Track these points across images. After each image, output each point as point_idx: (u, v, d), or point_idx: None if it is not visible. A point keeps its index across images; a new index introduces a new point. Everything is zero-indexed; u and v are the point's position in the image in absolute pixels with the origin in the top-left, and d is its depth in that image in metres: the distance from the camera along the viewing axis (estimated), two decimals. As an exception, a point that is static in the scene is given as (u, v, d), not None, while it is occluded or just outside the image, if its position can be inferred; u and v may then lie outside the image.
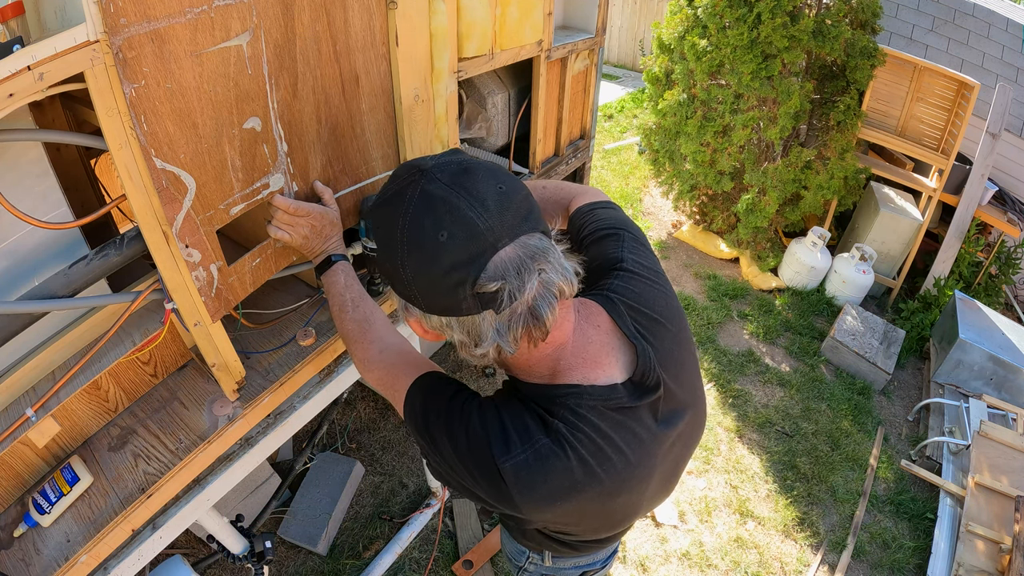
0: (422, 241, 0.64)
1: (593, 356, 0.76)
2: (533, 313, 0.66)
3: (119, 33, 0.74)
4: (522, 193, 0.68)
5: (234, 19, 0.89)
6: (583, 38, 2.08)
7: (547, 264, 0.65)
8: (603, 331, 0.78)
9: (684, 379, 0.82)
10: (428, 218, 0.63)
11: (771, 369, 3.51)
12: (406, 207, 0.65)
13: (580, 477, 0.71)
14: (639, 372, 0.75)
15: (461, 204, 0.63)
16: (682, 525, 2.63)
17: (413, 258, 0.65)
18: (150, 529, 1.12)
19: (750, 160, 3.80)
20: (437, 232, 0.63)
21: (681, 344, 0.83)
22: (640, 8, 8.12)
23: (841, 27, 3.39)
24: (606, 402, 0.73)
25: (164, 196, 0.90)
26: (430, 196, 0.64)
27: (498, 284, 0.63)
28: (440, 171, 0.66)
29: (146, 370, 1.21)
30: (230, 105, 0.94)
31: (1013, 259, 4.08)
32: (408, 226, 0.64)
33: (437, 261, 0.63)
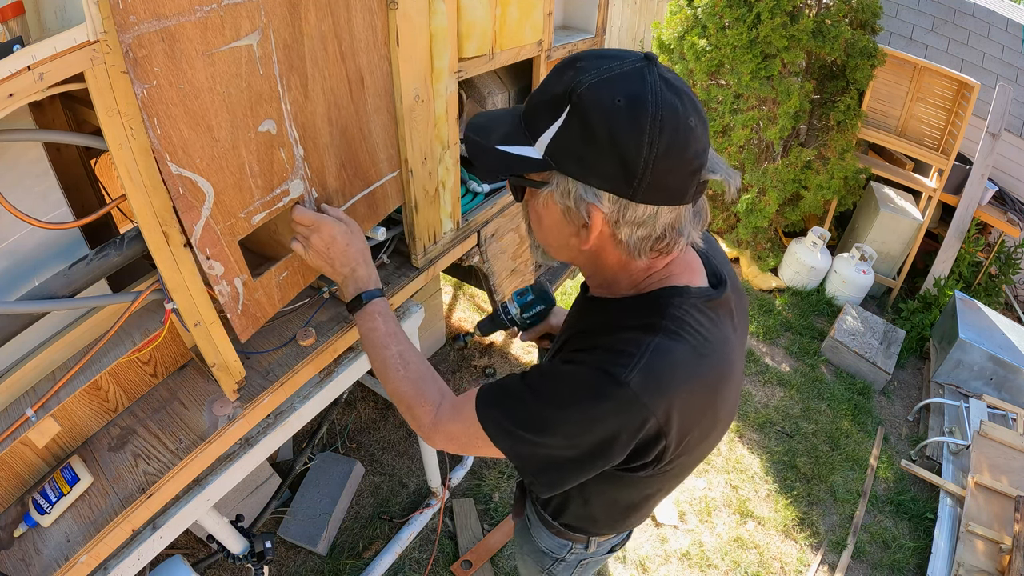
0: (676, 123, 0.64)
1: (689, 264, 0.83)
2: (705, 208, 0.76)
3: (129, 31, 0.74)
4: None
5: (243, 18, 0.89)
6: (583, 38, 2.08)
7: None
8: (692, 251, 0.86)
9: (744, 315, 0.91)
10: (678, 102, 0.65)
11: (771, 369, 3.51)
12: (652, 84, 0.65)
13: (697, 361, 0.74)
14: (711, 273, 0.85)
15: (693, 95, 0.67)
16: (682, 525, 2.63)
17: (666, 138, 0.64)
18: (150, 529, 1.12)
19: (750, 160, 3.80)
20: (687, 116, 0.65)
21: (741, 291, 0.93)
22: (640, 8, 8.11)
23: (841, 27, 3.39)
24: (703, 300, 0.78)
25: (181, 204, 0.88)
26: (670, 83, 0.66)
27: (719, 176, 0.70)
28: (652, 57, 0.69)
29: (146, 370, 1.21)
30: (244, 107, 0.94)
31: (1013, 259, 4.08)
32: (663, 104, 0.64)
33: (688, 145, 0.65)
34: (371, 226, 1.40)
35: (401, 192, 1.45)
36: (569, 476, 0.78)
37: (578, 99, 0.65)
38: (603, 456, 0.74)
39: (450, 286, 3.78)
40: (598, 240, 0.75)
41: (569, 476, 0.78)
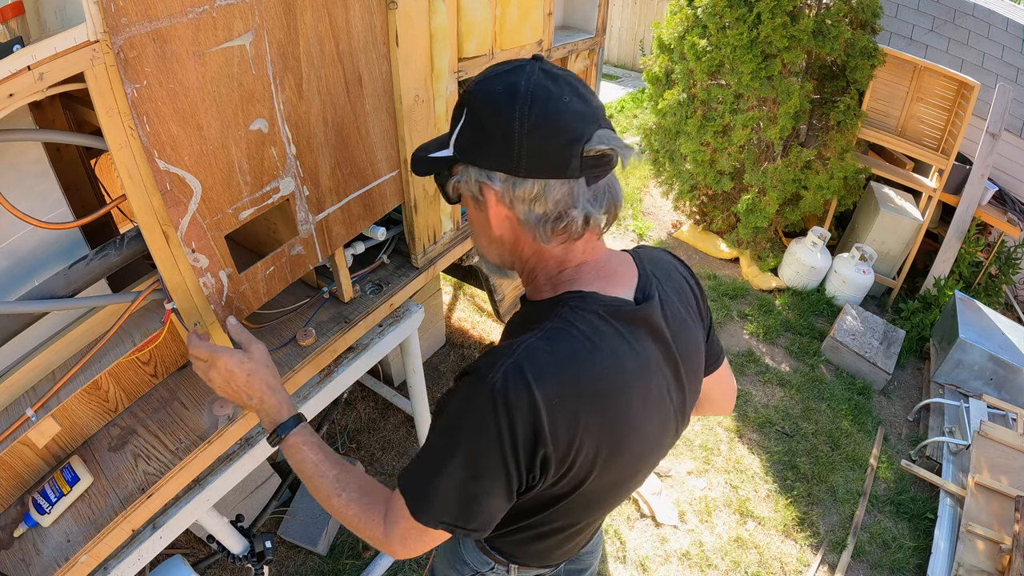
0: (548, 98, 0.69)
1: (612, 273, 0.80)
2: (612, 196, 0.74)
3: (120, 33, 0.74)
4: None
5: (236, 19, 0.89)
6: (583, 38, 2.08)
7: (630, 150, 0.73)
8: (630, 266, 0.84)
9: (689, 351, 0.85)
10: (552, 84, 0.70)
11: (771, 369, 3.51)
12: (529, 73, 0.70)
13: (574, 362, 0.71)
14: (640, 289, 0.81)
15: (577, 84, 0.71)
16: (682, 525, 2.63)
17: (536, 111, 0.68)
18: (150, 529, 1.12)
19: (750, 160, 3.80)
20: (561, 95, 0.69)
21: (692, 328, 0.87)
22: (640, 8, 8.11)
23: (841, 27, 3.39)
24: (610, 309, 0.75)
25: (168, 199, 0.89)
26: (549, 72, 0.71)
27: (607, 147, 0.69)
28: (546, 64, 0.73)
29: (146, 370, 1.21)
30: (235, 106, 0.94)
31: (1013, 259, 4.08)
32: (534, 85, 0.69)
33: (560, 117, 0.68)
34: (367, 225, 1.40)
35: (400, 192, 1.45)
36: (488, 505, 0.73)
37: (469, 96, 0.74)
38: (502, 470, 0.70)
39: (450, 286, 3.78)
40: (506, 225, 0.77)
41: (488, 505, 0.73)
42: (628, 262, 0.84)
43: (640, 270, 0.83)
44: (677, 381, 0.83)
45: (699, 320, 0.89)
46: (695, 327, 0.87)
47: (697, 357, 0.88)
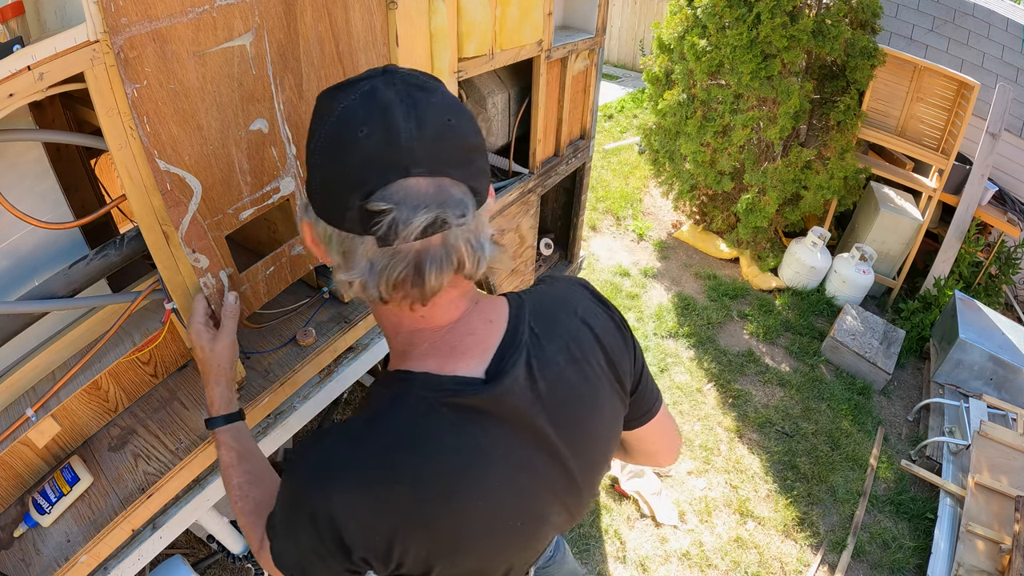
0: (344, 129, 0.57)
1: (455, 345, 0.66)
2: (417, 266, 0.58)
3: (120, 33, 0.74)
4: (472, 141, 0.61)
5: (236, 19, 0.89)
6: (583, 38, 2.08)
7: (457, 222, 0.57)
8: (493, 326, 0.69)
9: (579, 420, 0.71)
10: (362, 109, 0.57)
11: (771, 369, 3.51)
12: (350, 93, 0.59)
13: (393, 457, 0.62)
14: (497, 360, 0.66)
15: (397, 111, 0.56)
16: (682, 525, 2.63)
17: (327, 139, 0.59)
18: (150, 529, 1.12)
19: (750, 160, 3.80)
20: (360, 126, 0.56)
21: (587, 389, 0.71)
22: (640, 8, 8.11)
23: (841, 27, 3.39)
24: (438, 393, 0.63)
25: (168, 199, 0.89)
26: (375, 92, 0.58)
27: (386, 207, 0.55)
28: (402, 78, 0.60)
29: (146, 370, 1.21)
30: (235, 106, 0.94)
31: (1013, 259, 4.08)
32: (343, 110, 0.58)
33: (347, 153, 0.57)
34: None
35: (401, 192, 1.45)
36: (290, 562, 0.71)
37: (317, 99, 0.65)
38: (320, 563, 0.66)
39: (450, 286, 3.78)
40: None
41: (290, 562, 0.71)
42: (490, 323, 0.69)
43: (509, 330, 0.69)
44: (555, 459, 0.70)
45: (606, 374, 0.74)
46: (595, 385, 0.72)
47: (593, 423, 0.73)
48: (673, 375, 3.43)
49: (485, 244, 0.62)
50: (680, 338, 3.69)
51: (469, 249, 0.60)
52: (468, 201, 0.59)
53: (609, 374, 0.74)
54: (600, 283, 4.07)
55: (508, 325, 0.69)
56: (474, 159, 0.61)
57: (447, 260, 0.58)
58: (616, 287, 4.05)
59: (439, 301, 0.64)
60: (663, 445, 0.92)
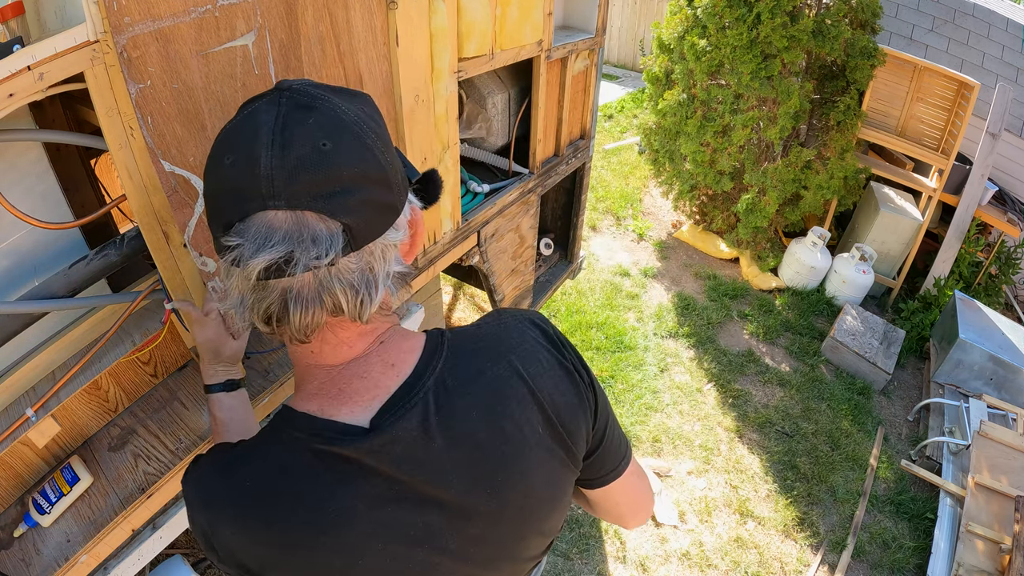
0: (217, 154, 0.54)
1: (351, 392, 0.61)
2: (283, 304, 0.53)
3: (123, 32, 0.74)
4: (351, 169, 0.53)
5: (239, 18, 0.89)
6: (583, 38, 2.08)
7: (312, 263, 0.51)
8: (393, 371, 0.62)
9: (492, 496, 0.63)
10: (235, 134, 0.54)
11: (771, 369, 3.50)
12: (240, 113, 0.56)
13: (256, 493, 0.60)
14: (388, 410, 0.60)
15: (262, 139, 0.51)
16: (682, 525, 2.63)
17: (207, 169, 0.56)
18: (150, 529, 1.12)
19: (750, 160, 3.80)
20: (228, 152, 0.53)
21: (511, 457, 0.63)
22: (640, 8, 8.12)
23: (841, 27, 3.39)
24: (311, 439, 0.59)
25: (174, 201, 0.89)
26: (255, 114, 0.54)
27: (234, 243, 0.51)
28: (291, 96, 0.55)
29: (146, 370, 1.21)
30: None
31: (1013, 259, 4.08)
32: (223, 133, 0.56)
33: (215, 180, 0.54)
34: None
35: (401, 192, 1.45)
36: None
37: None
38: (211, 557, 0.65)
39: (450, 286, 3.79)
40: None
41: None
42: (391, 367, 0.62)
43: (412, 376, 0.62)
44: (455, 525, 0.63)
45: (538, 436, 0.65)
46: (518, 447, 0.63)
47: (515, 488, 0.64)
48: (673, 375, 3.43)
49: (378, 285, 0.56)
50: (680, 338, 3.69)
51: (348, 291, 0.54)
52: (334, 240, 0.52)
53: (545, 437, 0.65)
54: (600, 283, 4.07)
55: (413, 370, 0.62)
56: (355, 189, 0.53)
57: (316, 301, 0.53)
58: (616, 287, 4.05)
59: (327, 339, 0.60)
60: (628, 508, 0.82)
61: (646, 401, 3.21)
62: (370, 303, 0.56)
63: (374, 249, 0.56)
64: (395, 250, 0.58)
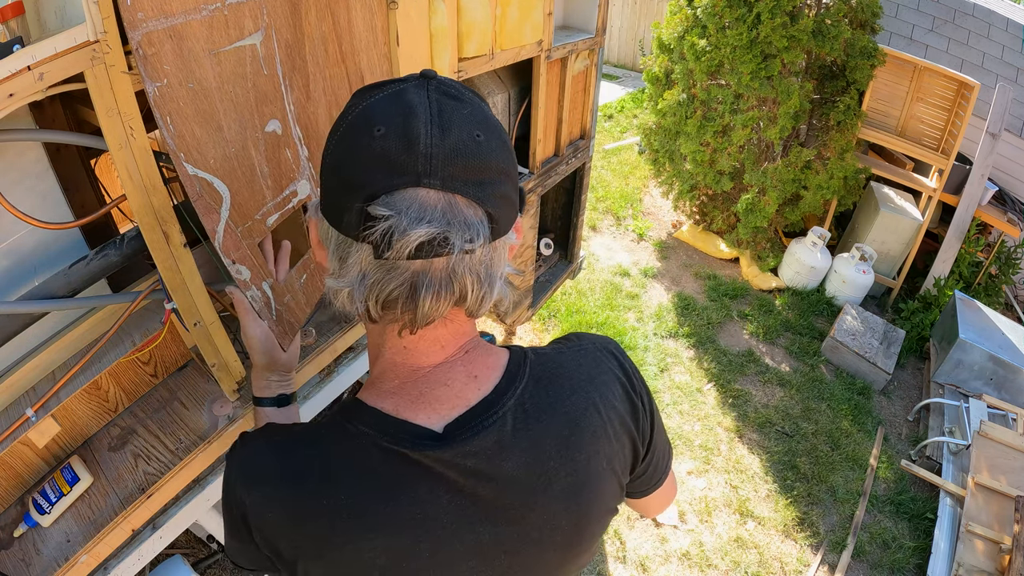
0: (362, 125, 0.53)
1: (431, 398, 0.60)
2: (413, 287, 0.52)
3: (137, 28, 0.74)
4: (499, 162, 0.54)
5: (247, 17, 0.89)
6: (583, 38, 2.08)
7: (463, 247, 0.51)
8: (476, 383, 0.61)
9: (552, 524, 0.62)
10: (385, 108, 0.53)
11: (771, 369, 3.50)
12: (379, 91, 0.55)
13: (310, 482, 0.59)
14: (464, 421, 0.59)
15: (420, 117, 0.51)
16: (682, 525, 2.63)
17: (344, 139, 0.54)
18: (150, 529, 1.12)
19: (750, 160, 3.80)
20: (378, 124, 0.52)
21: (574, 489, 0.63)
22: (640, 8, 8.12)
23: (841, 27, 3.39)
24: (382, 435, 0.58)
25: (201, 206, 0.88)
26: (403, 92, 0.53)
27: (386, 213, 0.49)
28: (437, 85, 0.55)
29: (146, 370, 1.21)
30: (251, 107, 0.94)
31: (1013, 259, 4.08)
32: (365, 107, 0.54)
33: (359, 150, 0.52)
34: None
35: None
36: (242, 559, 0.70)
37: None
38: (248, 539, 0.64)
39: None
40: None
41: (242, 559, 0.70)
42: (474, 379, 0.61)
43: (494, 392, 0.61)
44: (501, 545, 0.62)
45: (604, 471, 0.65)
46: (584, 481, 0.63)
47: (575, 519, 0.64)
48: (673, 375, 3.43)
49: (496, 281, 0.56)
50: (680, 338, 3.69)
51: (476, 281, 0.54)
52: (481, 227, 0.52)
53: (607, 471, 0.66)
54: (600, 283, 4.07)
55: (495, 387, 0.61)
56: (499, 182, 0.55)
57: (447, 287, 0.52)
58: (616, 287, 4.05)
59: (426, 335, 0.59)
60: (655, 507, 0.86)
61: (646, 401, 3.21)
62: (489, 298, 0.56)
63: (499, 245, 0.56)
64: (506, 249, 0.59)
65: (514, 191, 0.58)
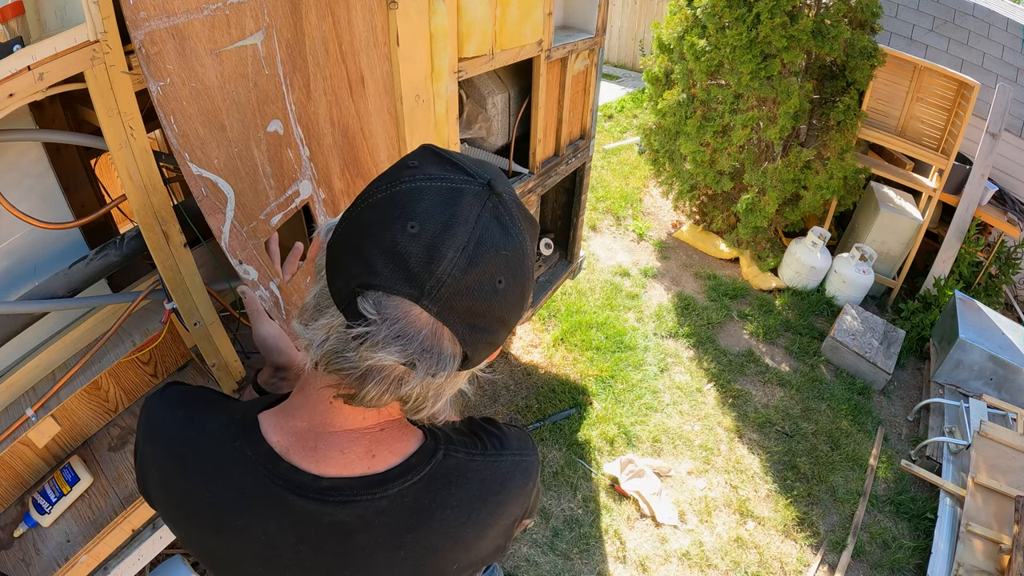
0: (401, 208, 0.51)
1: (327, 459, 0.61)
2: (365, 375, 0.52)
3: (140, 27, 0.74)
4: (505, 313, 0.54)
5: (248, 17, 0.89)
6: (583, 38, 2.08)
7: (426, 378, 0.52)
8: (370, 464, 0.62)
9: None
10: (434, 207, 0.51)
11: (771, 369, 3.50)
12: (440, 174, 0.53)
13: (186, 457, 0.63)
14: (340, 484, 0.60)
15: (458, 239, 0.50)
16: (682, 525, 2.63)
17: (379, 208, 0.53)
18: (150, 529, 1.12)
19: (750, 160, 3.80)
20: (417, 220, 0.50)
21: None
22: (640, 8, 8.12)
23: (840, 27, 3.39)
24: (264, 467, 0.60)
25: (206, 206, 0.89)
26: (460, 199, 0.51)
27: (371, 316, 0.49)
28: (497, 208, 0.53)
29: (146, 370, 1.21)
30: (253, 107, 0.94)
31: (1013, 259, 4.08)
32: (417, 188, 0.52)
33: (384, 232, 0.50)
34: None
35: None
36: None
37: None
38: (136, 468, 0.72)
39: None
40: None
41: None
42: (372, 458, 0.62)
43: (385, 476, 0.61)
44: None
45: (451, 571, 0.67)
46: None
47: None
48: (673, 375, 3.43)
49: (442, 400, 0.57)
50: (680, 338, 3.69)
51: (422, 396, 0.55)
52: (451, 363, 0.53)
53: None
54: (600, 283, 4.07)
55: (386, 471, 0.61)
56: (492, 331, 0.55)
57: (394, 389, 0.53)
58: (616, 287, 4.05)
59: (351, 416, 0.60)
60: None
61: (646, 401, 3.21)
62: (429, 411, 0.57)
63: (462, 373, 0.57)
64: (468, 374, 0.59)
65: (504, 336, 0.58)
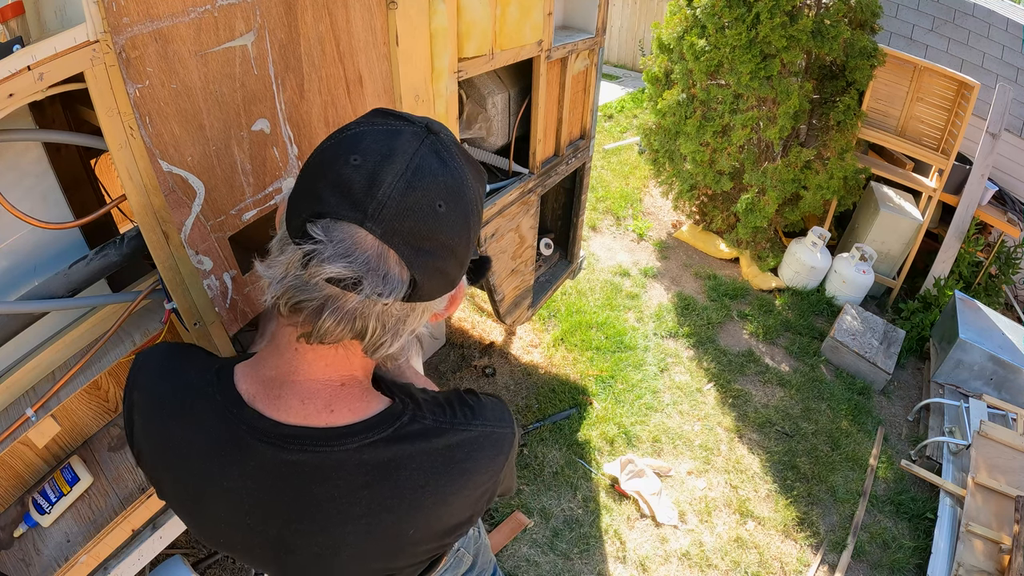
0: (346, 146, 0.55)
1: (288, 407, 0.63)
2: (321, 306, 0.54)
3: (122, 32, 0.74)
4: (449, 238, 0.56)
5: (238, 19, 0.89)
6: (583, 38, 2.08)
7: (373, 296, 0.53)
8: (329, 418, 0.63)
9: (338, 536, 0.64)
10: (374, 143, 0.55)
11: (771, 369, 3.50)
12: (381, 121, 0.57)
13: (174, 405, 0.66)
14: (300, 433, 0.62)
15: (395, 166, 0.53)
16: (682, 525, 2.63)
17: (328, 150, 0.57)
18: (150, 529, 1.12)
19: (750, 160, 3.80)
20: (359, 153, 0.54)
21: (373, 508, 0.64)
22: (640, 8, 8.12)
23: (840, 27, 3.39)
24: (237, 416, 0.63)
25: (171, 200, 0.89)
26: (398, 136, 0.55)
27: (318, 236, 0.52)
28: (434, 145, 0.57)
29: (146, 370, 1.21)
30: (237, 106, 0.94)
31: (1013, 259, 4.08)
32: (362, 131, 0.56)
33: (330, 167, 0.55)
34: None
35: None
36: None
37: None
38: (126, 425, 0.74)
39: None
40: None
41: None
42: (330, 413, 0.63)
43: (342, 431, 0.62)
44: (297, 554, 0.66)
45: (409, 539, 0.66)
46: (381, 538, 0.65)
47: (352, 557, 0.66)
48: (673, 375, 3.43)
49: (402, 336, 0.59)
50: (680, 338, 3.69)
51: (380, 328, 0.56)
52: (399, 287, 0.54)
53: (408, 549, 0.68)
54: (600, 283, 4.07)
55: (344, 427, 0.63)
56: (439, 255, 0.56)
57: (349, 320, 0.55)
58: (616, 287, 4.05)
59: (319, 350, 0.61)
60: None
61: (646, 401, 3.21)
62: (388, 347, 0.59)
63: (420, 307, 0.59)
64: (430, 314, 0.62)
65: (455, 268, 0.60)
